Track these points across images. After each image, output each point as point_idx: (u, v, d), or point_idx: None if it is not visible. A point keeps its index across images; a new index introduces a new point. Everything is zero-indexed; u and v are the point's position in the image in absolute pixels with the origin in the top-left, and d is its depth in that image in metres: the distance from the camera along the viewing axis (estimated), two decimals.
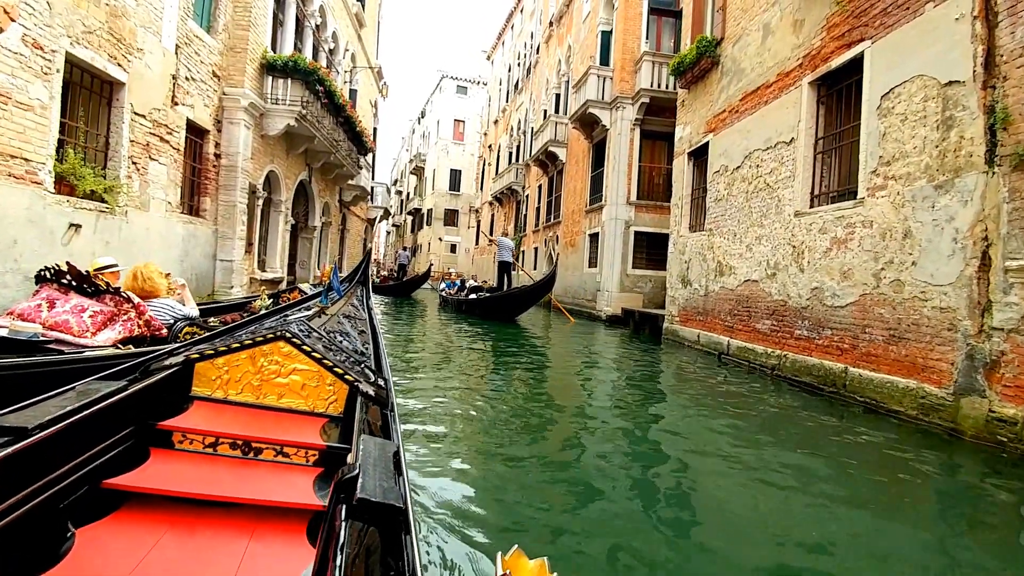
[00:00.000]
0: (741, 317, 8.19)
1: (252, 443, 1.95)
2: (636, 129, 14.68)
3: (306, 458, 1.96)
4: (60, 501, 1.48)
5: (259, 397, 2.25)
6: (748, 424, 5.14)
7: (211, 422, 2.00)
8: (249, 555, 1.49)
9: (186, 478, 1.72)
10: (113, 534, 1.49)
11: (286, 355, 2.27)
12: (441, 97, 45.01)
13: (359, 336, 3.59)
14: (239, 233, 10.58)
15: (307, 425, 2.15)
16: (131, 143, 7.73)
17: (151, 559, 1.41)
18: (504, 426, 4.69)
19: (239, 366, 2.25)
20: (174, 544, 1.50)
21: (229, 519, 1.64)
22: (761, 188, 7.85)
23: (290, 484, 1.79)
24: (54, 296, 3.60)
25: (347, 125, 14.96)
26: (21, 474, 1.35)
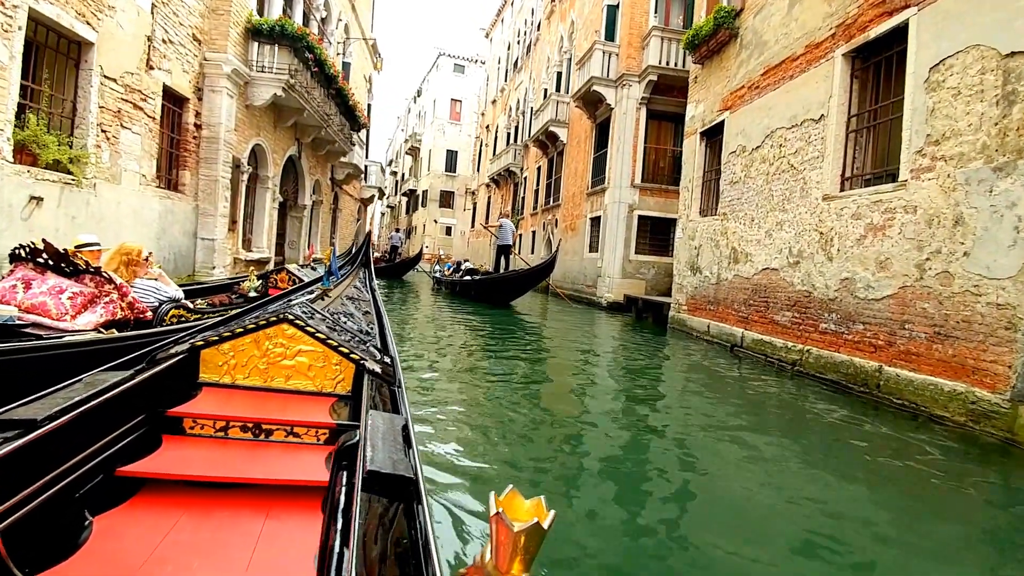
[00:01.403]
0: (757, 308, 7.67)
1: (262, 425, 1.98)
2: (642, 108, 14.02)
3: (317, 437, 1.99)
4: (76, 490, 1.51)
5: (267, 380, 2.28)
6: (767, 423, 4.66)
7: (221, 407, 2.04)
8: (266, 533, 1.52)
9: (199, 462, 1.76)
10: (130, 520, 1.52)
11: (291, 337, 2.29)
12: (438, 76, 43.96)
13: (363, 316, 3.60)
14: (221, 210, 9.93)
15: (316, 405, 2.18)
16: (100, 109, 7.06)
17: (169, 542, 1.44)
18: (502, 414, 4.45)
19: (244, 351, 2.27)
20: (191, 527, 1.52)
21: (244, 500, 1.67)
22: (784, 170, 7.28)
23: (302, 463, 1.82)
24: (29, 276, 3.37)
25: (339, 98, 14.22)
26: (34, 465, 1.37)
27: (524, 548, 0.51)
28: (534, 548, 0.52)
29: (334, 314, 2.94)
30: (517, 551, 0.52)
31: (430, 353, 6.95)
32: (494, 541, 0.54)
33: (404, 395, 2.15)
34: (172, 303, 3.98)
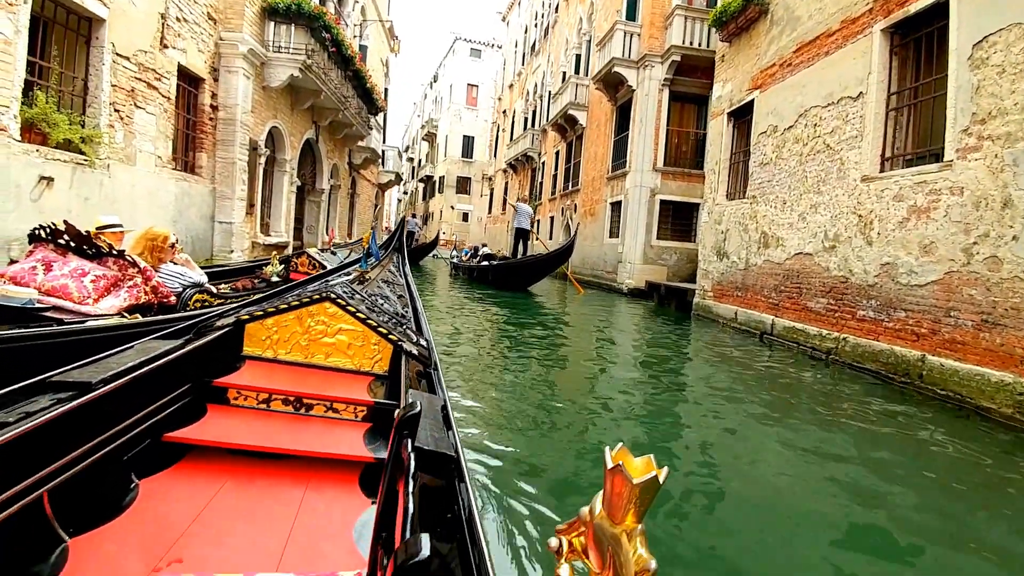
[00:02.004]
0: (789, 294, 7.36)
1: (303, 399, 2.02)
2: (665, 90, 13.62)
3: (355, 414, 2.03)
4: (124, 453, 1.55)
5: (307, 356, 2.33)
6: (802, 413, 4.40)
7: (263, 380, 2.08)
8: (306, 503, 1.56)
9: (242, 432, 1.79)
10: (175, 484, 1.56)
11: (332, 316, 2.34)
12: (454, 60, 43.53)
13: (398, 300, 3.64)
14: (239, 193, 9.81)
15: (354, 383, 2.22)
16: (113, 88, 6.92)
17: (213, 507, 1.48)
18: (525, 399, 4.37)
19: (287, 326, 2.32)
20: (235, 493, 1.57)
21: (285, 470, 1.72)
22: (819, 150, 6.93)
23: (341, 438, 1.86)
24: (50, 258, 3.29)
25: (356, 80, 14.00)
26: (87, 427, 1.40)
27: (640, 501, 0.52)
28: (648, 501, 0.53)
29: (371, 296, 2.96)
30: (632, 503, 0.53)
31: (449, 337, 6.77)
32: (608, 494, 0.55)
33: (441, 377, 2.15)
34: (196, 288, 3.93)
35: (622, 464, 0.53)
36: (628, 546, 0.53)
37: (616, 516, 0.55)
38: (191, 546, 1.34)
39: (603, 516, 0.57)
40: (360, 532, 1.50)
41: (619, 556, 0.54)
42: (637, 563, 0.52)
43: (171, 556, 1.30)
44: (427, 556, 0.75)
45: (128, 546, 1.31)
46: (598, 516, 0.57)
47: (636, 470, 0.53)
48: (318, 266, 7.35)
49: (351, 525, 1.51)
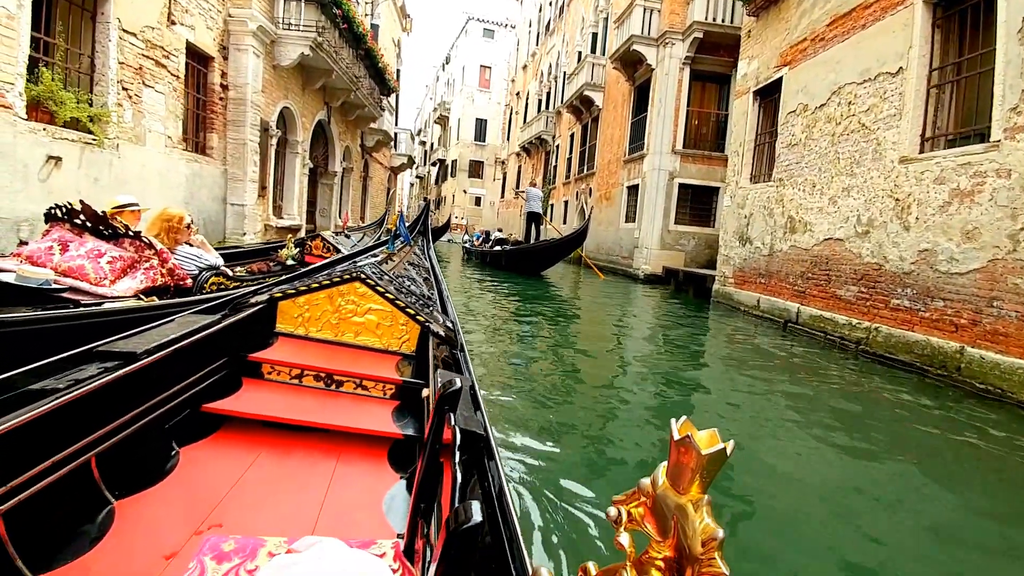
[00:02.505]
0: (817, 281, 7.08)
1: (334, 376, 2.08)
2: (685, 69, 13.20)
3: (383, 391, 2.08)
4: (165, 422, 1.64)
5: (337, 335, 2.39)
6: (832, 406, 4.17)
7: (295, 356, 2.14)
8: (338, 476, 1.63)
9: (276, 405, 1.86)
10: (213, 453, 1.65)
11: (361, 295, 2.40)
12: (467, 41, 42.90)
13: (424, 282, 3.66)
14: (251, 175, 9.64)
15: (383, 361, 2.28)
16: (120, 66, 6.74)
17: (250, 475, 1.56)
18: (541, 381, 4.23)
19: (318, 305, 2.39)
20: (270, 463, 1.64)
21: (317, 443, 1.77)
22: (853, 129, 6.60)
23: (370, 414, 1.92)
24: (67, 238, 3.27)
25: (368, 59, 13.72)
26: (132, 395, 1.48)
27: (707, 472, 0.53)
28: (715, 472, 0.53)
29: (399, 277, 2.99)
30: (698, 474, 0.53)
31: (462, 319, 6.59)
32: (674, 465, 0.56)
33: (467, 357, 2.18)
34: (212, 270, 3.90)
35: (690, 435, 0.52)
36: (695, 516, 0.54)
37: (681, 486, 0.56)
38: (230, 511, 1.40)
39: (667, 487, 0.57)
40: (389, 505, 1.54)
41: (685, 525, 0.54)
42: (704, 532, 0.52)
43: (211, 520, 1.35)
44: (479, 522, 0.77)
45: (171, 509, 1.37)
46: (661, 487, 0.58)
47: (703, 442, 0.53)
48: (332, 249, 7.39)
49: (381, 497, 1.56)
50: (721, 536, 0.51)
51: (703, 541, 0.52)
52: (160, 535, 1.28)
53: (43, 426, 1.18)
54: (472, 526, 0.75)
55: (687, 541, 0.53)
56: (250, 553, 1.08)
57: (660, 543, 0.59)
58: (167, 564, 1.20)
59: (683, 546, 0.54)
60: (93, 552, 1.20)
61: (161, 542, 1.26)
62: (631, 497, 0.64)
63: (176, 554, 1.23)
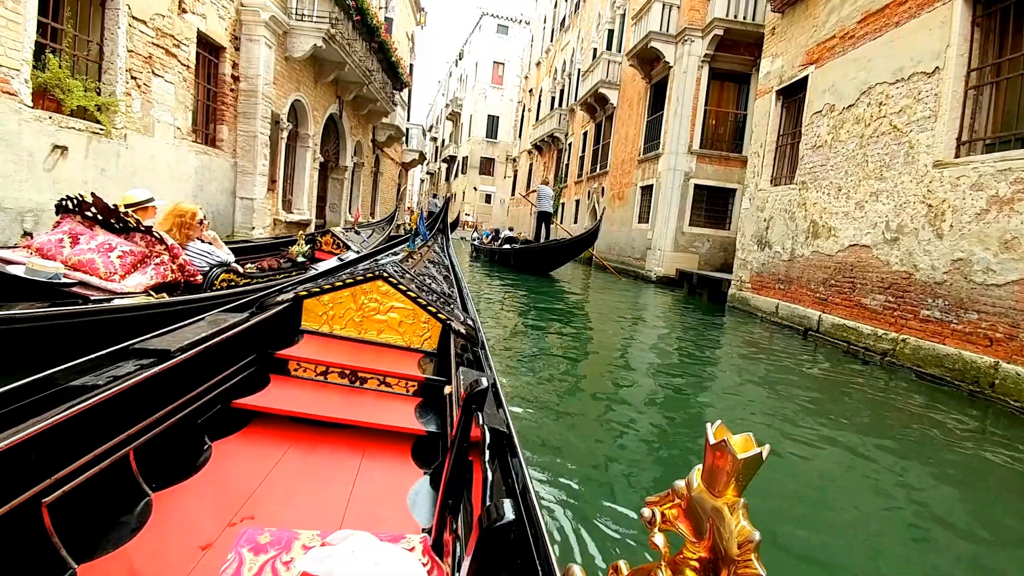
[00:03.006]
0: (840, 289, 6.84)
1: (358, 373, 2.13)
2: (704, 66, 12.92)
3: (406, 388, 2.12)
4: (198, 417, 1.69)
5: (361, 332, 2.43)
6: (857, 420, 3.95)
7: (320, 353, 2.18)
8: (363, 471, 1.68)
9: (302, 401, 1.92)
10: (243, 448, 1.70)
11: (384, 294, 2.44)
12: (480, 36, 42.67)
13: (444, 280, 3.66)
14: (261, 168, 9.48)
15: (405, 359, 2.32)
16: (130, 54, 6.58)
17: (279, 469, 1.61)
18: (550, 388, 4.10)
19: (342, 303, 2.42)
20: (298, 458, 1.70)
21: (342, 439, 1.84)
22: (884, 132, 6.35)
23: (394, 411, 1.97)
24: (77, 230, 3.24)
25: (382, 53, 13.54)
26: (166, 391, 1.54)
27: (742, 475, 0.53)
28: (750, 476, 0.53)
29: (420, 275, 3.03)
30: (734, 478, 0.53)
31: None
32: (710, 468, 0.56)
33: (488, 355, 2.19)
34: (223, 267, 3.87)
35: (727, 440, 0.52)
36: (731, 518, 0.53)
37: (716, 489, 0.55)
38: (261, 504, 1.43)
39: (702, 489, 0.57)
40: (414, 500, 1.56)
41: (721, 527, 0.54)
42: (740, 534, 0.52)
43: (243, 513, 1.39)
44: (512, 519, 0.77)
45: (204, 502, 1.41)
46: (696, 489, 0.58)
47: (738, 446, 0.52)
48: (343, 246, 7.32)
49: (406, 493, 1.59)
50: (758, 539, 0.51)
51: (739, 543, 0.52)
52: (195, 526, 1.32)
53: (85, 421, 1.22)
54: (505, 524, 0.77)
55: (723, 543, 0.54)
56: (285, 545, 1.09)
57: (695, 544, 0.59)
58: (203, 555, 1.23)
59: (719, 547, 0.54)
60: (133, 542, 1.23)
61: (196, 533, 1.30)
62: (664, 499, 0.65)
63: (211, 545, 1.26)
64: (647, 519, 0.65)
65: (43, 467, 1.13)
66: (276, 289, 2.58)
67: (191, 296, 3.40)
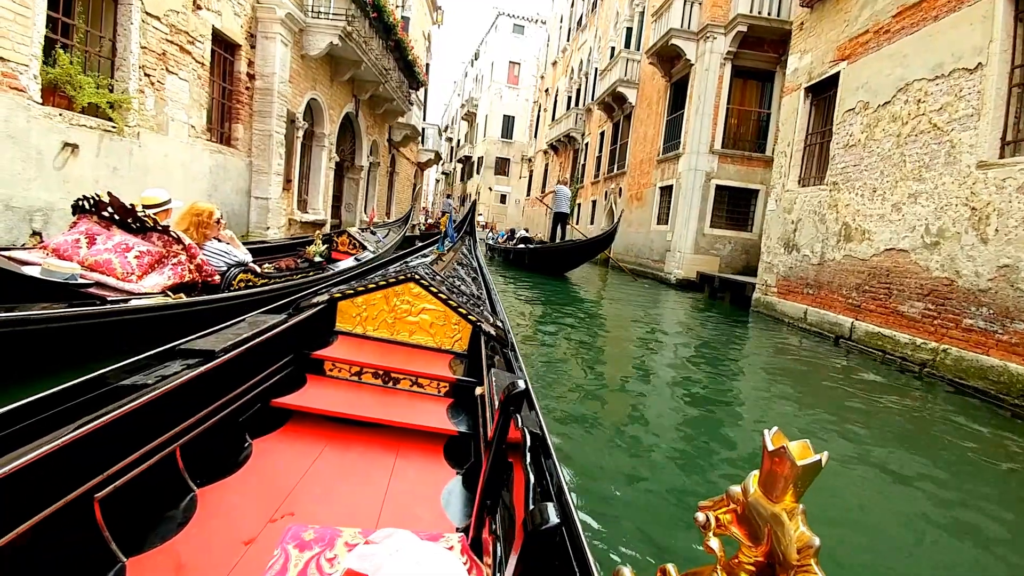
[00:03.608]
0: (875, 295, 6.53)
1: (391, 373, 2.19)
2: (727, 64, 12.60)
3: (438, 389, 2.18)
4: (239, 415, 1.75)
5: (393, 333, 2.48)
6: (897, 437, 3.68)
7: (354, 354, 2.25)
8: (397, 470, 1.70)
9: (338, 401, 1.97)
10: (282, 446, 1.75)
11: (416, 296, 2.48)
12: (496, 36, 42.50)
13: (473, 282, 3.68)
14: (276, 168, 9.37)
15: (436, 360, 2.37)
16: (143, 50, 6.47)
17: (316, 467, 1.65)
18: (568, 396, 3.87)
19: (375, 305, 2.47)
20: (334, 456, 1.74)
21: (377, 438, 1.87)
22: (923, 130, 6.04)
23: (426, 411, 2.01)
24: (94, 231, 3.21)
25: (398, 51, 13.40)
26: (210, 390, 1.59)
27: (800, 482, 0.53)
28: (808, 482, 0.53)
29: (449, 277, 3.05)
30: (792, 484, 0.53)
31: None
32: (767, 474, 0.55)
33: (518, 356, 2.21)
34: (240, 267, 3.83)
35: (786, 447, 0.52)
36: (790, 524, 0.54)
37: (774, 495, 0.55)
38: (300, 501, 1.46)
39: (759, 495, 0.57)
40: (447, 499, 1.57)
41: (780, 533, 0.54)
42: (800, 540, 0.52)
43: (284, 509, 1.42)
44: (556, 523, 0.78)
45: (247, 498, 1.44)
46: (753, 495, 0.58)
47: (796, 453, 0.52)
48: (359, 246, 7.29)
49: (439, 492, 1.60)
50: (817, 544, 0.51)
51: (799, 548, 0.52)
52: (238, 522, 1.34)
53: (135, 419, 1.25)
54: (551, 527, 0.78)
55: (782, 548, 0.53)
56: (328, 542, 1.10)
57: (751, 548, 0.59)
58: (246, 549, 1.25)
59: (777, 553, 0.54)
60: (179, 536, 1.26)
61: (239, 528, 1.32)
62: (718, 503, 0.65)
63: (254, 540, 1.29)
64: (701, 523, 0.65)
65: (96, 463, 1.16)
66: (311, 291, 2.61)
67: (209, 296, 3.36)
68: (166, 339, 2.40)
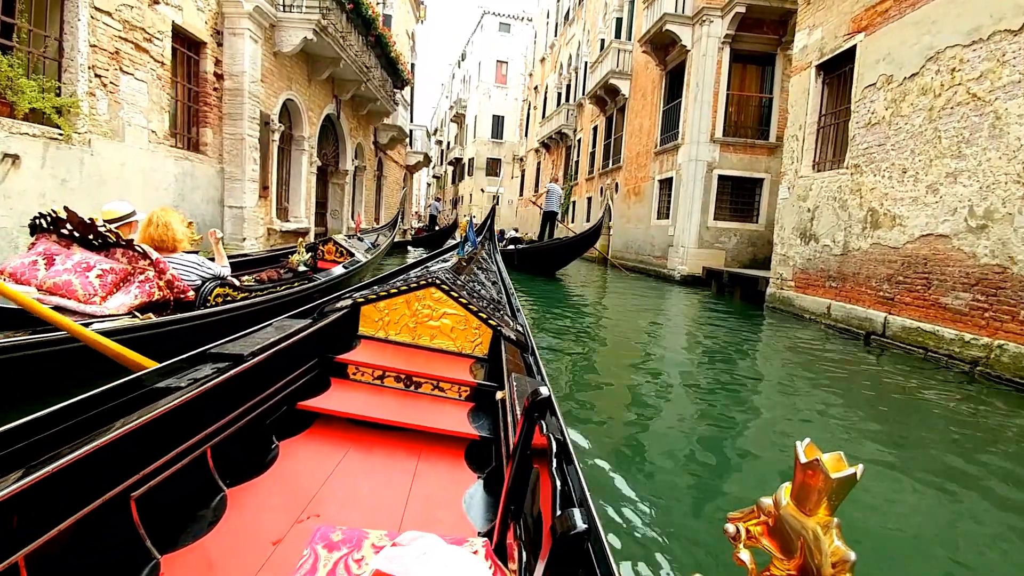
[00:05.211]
0: (911, 286, 5.94)
1: (413, 377, 2.20)
2: (725, 48, 12.02)
3: (459, 393, 2.20)
4: (267, 418, 1.78)
5: (415, 338, 2.52)
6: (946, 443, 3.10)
7: (377, 357, 2.28)
8: (420, 473, 1.71)
9: (361, 404, 1.99)
10: (308, 448, 1.78)
11: (437, 300, 2.51)
12: (482, 36, 41.89)
13: (492, 286, 3.66)
14: (250, 174, 8.72)
15: (457, 364, 2.39)
16: (92, 49, 5.83)
17: (341, 469, 1.67)
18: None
19: (397, 309, 2.51)
20: (358, 458, 1.75)
21: (399, 441, 1.89)
22: (961, 101, 5.45)
23: (448, 415, 2.02)
24: (52, 250, 3.02)
25: (379, 47, 12.76)
26: (239, 393, 1.64)
27: (835, 495, 0.52)
28: (842, 496, 0.53)
29: (470, 282, 3.02)
30: (826, 497, 0.52)
31: None
32: (800, 486, 0.54)
33: (539, 361, 2.23)
34: (217, 281, 3.58)
35: (820, 459, 0.51)
36: (824, 538, 0.53)
37: (807, 508, 0.54)
38: (325, 502, 1.49)
39: (791, 507, 0.56)
40: (469, 503, 1.59)
41: (813, 547, 0.53)
42: (835, 554, 0.51)
43: (310, 510, 1.45)
44: (585, 527, 0.80)
45: (274, 498, 1.48)
46: (785, 507, 0.57)
47: (830, 465, 0.51)
48: (346, 253, 7.07)
49: (461, 495, 1.61)
50: (853, 559, 0.50)
51: (834, 563, 0.51)
52: (266, 522, 1.37)
53: (169, 420, 1.29)
54: (579, 533, 0.81)
55: (815, 562, 0.52)
56: (356, 544, 1.11)
57: (783, 561, 0.58)
58: (274, 549, 1.28)
59: (810, 566, 0.53)
60: (210, 535, 1.29)
61: (268, 528, 1.35)
62: (748, 515, 0.64)
63: (281, 540, 1.31)
64: (731, 535, 0.63)
65: (133, 463, 1.19)
66: (332, 296, 2.66)
67: (182, 315, 3.12)
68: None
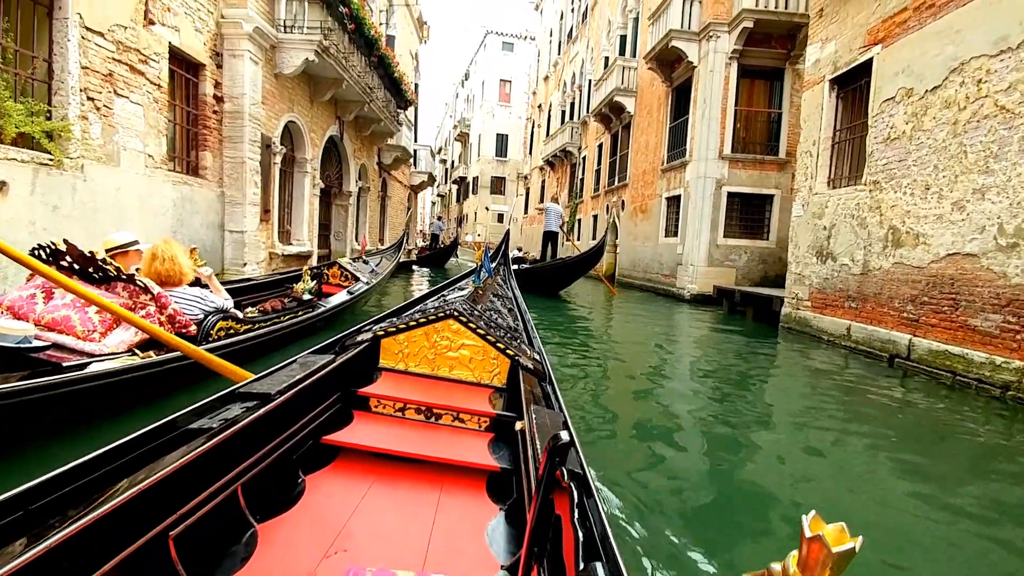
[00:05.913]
0: (937, 307, 5.64)
1: (433, 409, 2.22)
2: (732, 64, 11.85)
3: (479, 424, 2.20)
4: (293, 453, 1.80)
5: (434, 369, 2.54)
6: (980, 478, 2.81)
7: (397, 390, 2.30)
8: (442, 506, 1.72)
9: (383, 437, 2.00)
10: (333, 481, 1.79)
11: (455, 332, 2.52)
12: (486, 56, 42.20)
13: (509, 313, 3.65)
14: (251, 197, 8.55)
15: (476, 394, 2.40)
16: (85, 71, 5.68)
17: (366, 504, 1.68)
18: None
19: (416, 341, 2.54)
20: (383, 492, 1.77)
21: (422, 474, 1.89)
22: (988, 114, 5.19)
23: (468, 446, 2.01)
24: (51, 284, 2.94)
25: (382, 67, 12.66)
26: (268, 430, 1.67)
27: (836, 567, 0.54)
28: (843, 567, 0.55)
29: (487, 311, 3.02)
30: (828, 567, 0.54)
31: None
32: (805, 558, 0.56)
33: (557, 390, 2.22)
34: (219, 314, 3.49)
35: (822, 534, 0.54)
36: None
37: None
38: (352, 538, 1.51)
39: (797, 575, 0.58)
40: (491, 536, 1.59)
41: None
42: None
43: (338, 545, 1.46)
44: None
45: (303, 533, 1.50)
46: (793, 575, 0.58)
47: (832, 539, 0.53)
48: (351, 277, 6.93)
49: (483, 528, 1.62)
50: None
51: None
52: (296, 557, 1.39)
53: (204, 460, 1.31)
54: None
55: None
56: None
57: None
58: None
59: None
60: (243, 571, 1.30)
61: (297, 564, 1.36)
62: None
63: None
64: None
65: (170, 503, 1.22)
66: (355, 329, 2.69)
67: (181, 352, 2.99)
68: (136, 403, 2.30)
